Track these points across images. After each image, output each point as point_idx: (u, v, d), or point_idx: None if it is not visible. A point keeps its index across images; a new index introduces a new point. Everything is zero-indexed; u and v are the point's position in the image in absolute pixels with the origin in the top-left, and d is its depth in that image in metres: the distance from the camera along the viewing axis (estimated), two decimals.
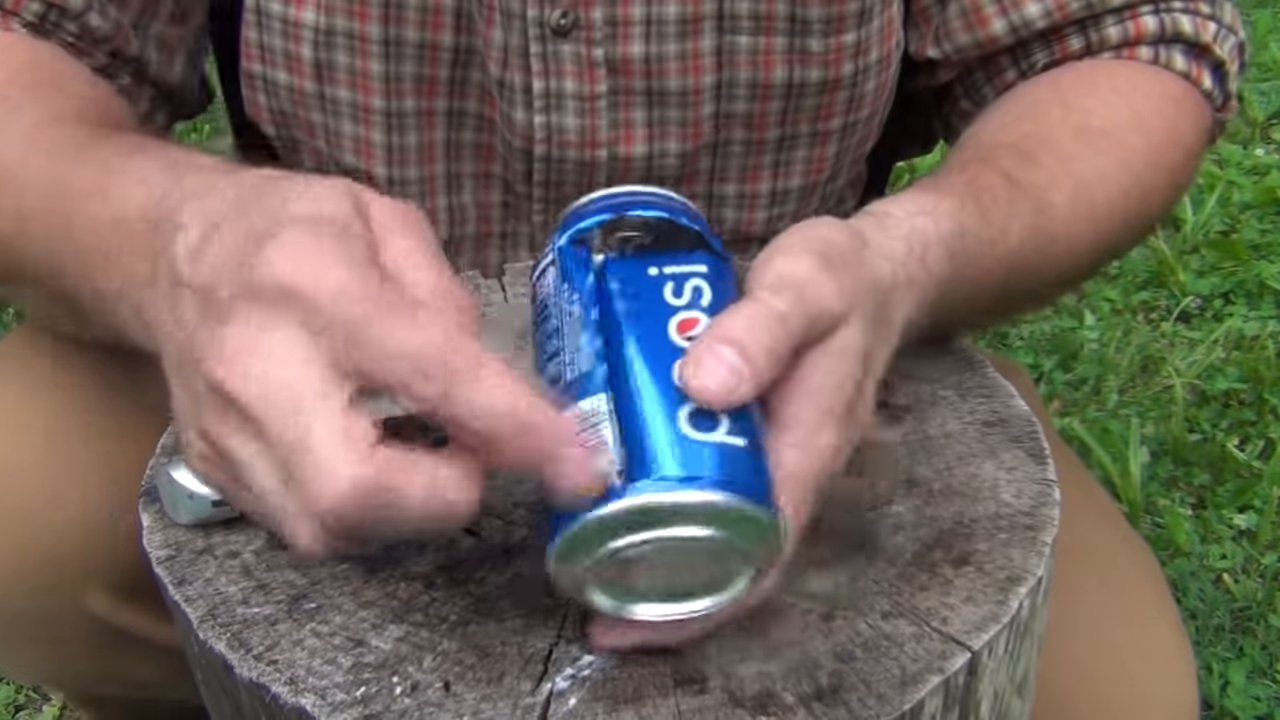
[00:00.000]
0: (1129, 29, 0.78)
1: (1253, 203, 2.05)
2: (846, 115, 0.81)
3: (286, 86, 0.80)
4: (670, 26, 0.76)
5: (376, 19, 0.76)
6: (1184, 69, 0.79)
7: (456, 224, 0.85)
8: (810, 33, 0.77)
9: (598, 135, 0.79)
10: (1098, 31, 0.79)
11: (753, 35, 0.77)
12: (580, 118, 0.78)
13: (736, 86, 0.78)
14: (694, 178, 0.83)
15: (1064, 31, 0.79)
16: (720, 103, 0.79)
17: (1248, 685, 1.28)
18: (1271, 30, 2.48)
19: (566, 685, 0.49)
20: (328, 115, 0.80)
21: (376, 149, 0.81)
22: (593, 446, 0.45)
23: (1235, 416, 1.64)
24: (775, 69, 0.78)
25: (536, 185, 0.81)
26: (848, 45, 0.78)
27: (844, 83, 0.79)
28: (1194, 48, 0.79)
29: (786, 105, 0.80)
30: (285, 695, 0.49)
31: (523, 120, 0.78)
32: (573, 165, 0.80)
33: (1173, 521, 1.45)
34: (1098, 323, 1.82)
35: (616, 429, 0.45)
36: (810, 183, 0.85)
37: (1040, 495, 0.58)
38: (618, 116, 0.79)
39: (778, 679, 0.49)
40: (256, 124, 0.83)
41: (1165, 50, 0.79)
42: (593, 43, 0.76)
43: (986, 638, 0.50)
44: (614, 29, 0.76)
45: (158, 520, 0.58)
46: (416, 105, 0.79)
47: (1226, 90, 0.81)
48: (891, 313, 0.54)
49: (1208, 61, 0.80)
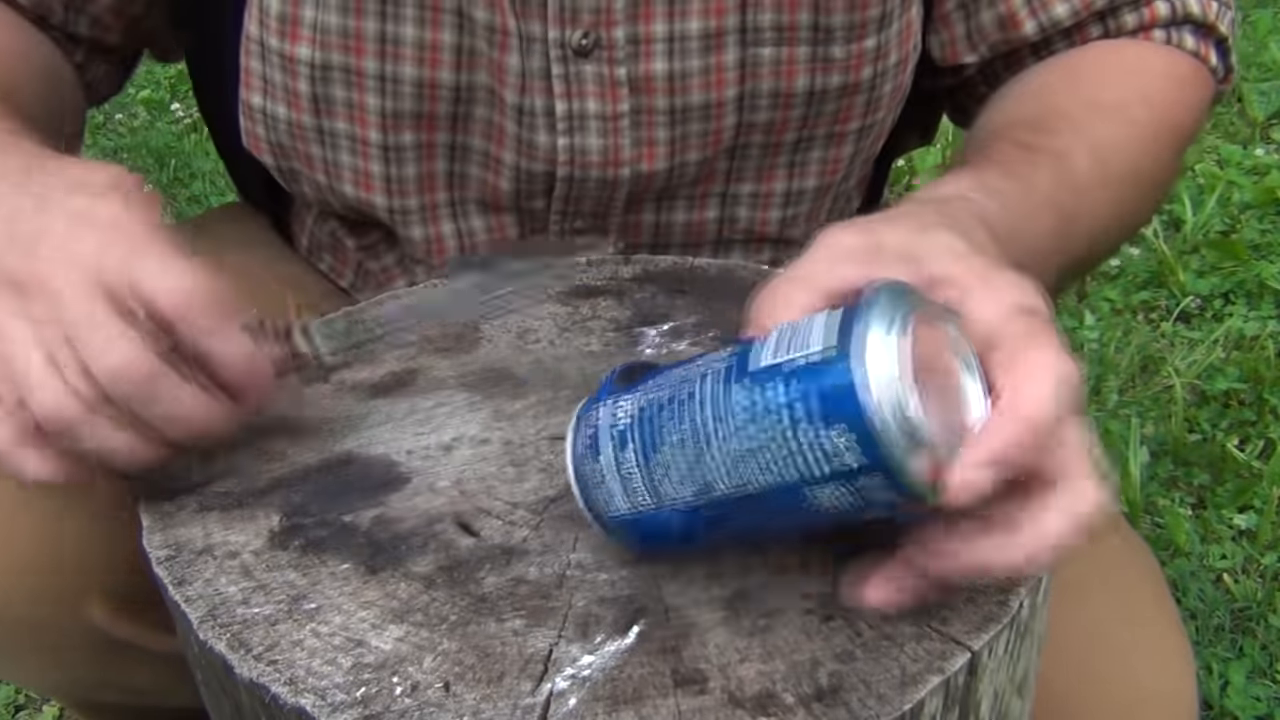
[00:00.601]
0: (1144, 15, 0.82)
1: (1253, 203, 2.05)
2: (864, 118, 0.82)
3: (285, 120, 0.79)
4: (693, 42, 0.76)
5: (372, 54, 0.76)
6: (1194, 48, 0.83)
7: (466, 248, 0.84)
8: (833, 40, 0.77)
9: (620, 154, 0.78)
10: (1115, 20, 0.82)
11: (776, 46, 0.77)
12: (603, 138, 0.77)
13: (759, 98, 0.78)
14: (710, 178, 0.83)
15: (1086, 24, 0.82)
16: (743, 114, 0.79)
17: (1248, 685, 1.28)
18: (1271, 30, 2.48)
19: (566, 685, 0.49)
20: (326, 148, 0.80)
21: (375, 180, 0.80)
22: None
23: (1235, 416, 1.64)
24: (798, 78, 0.78)
25: (556, 201, 0.81)
26: (869, 50, 0.78)
27: (863, 87, 0.80)
28: (1201, 27, 0.83)
29: (807, 112, 0.80)
30: (285, 695, 0.49)
31: (545, 143, 0.78)
32: (594, 184, 0.79)
33: (1173, 521, 1.45)
34: (1098, 323, 1.82)
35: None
36: (825, 183, 0.85)
37: None
38: (640, 135, 0.78)
39: (778, 679, 0.49)
40: (255, 155, 0.83)
41: (1176, 32, 0.82)
42: (615, 62, 0.76)
43: (986, 638, 0.50)
44: (636, 47, 0.75)
45: (157, 520, 0.58)
46: (415, 139, 0.79)
47: (1229, 64, 0.85)
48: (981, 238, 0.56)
49: (1213, 38, 0.84)
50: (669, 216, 0.84)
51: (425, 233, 0.83)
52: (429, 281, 0.77)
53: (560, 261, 0.74)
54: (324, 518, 0.58)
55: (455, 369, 0.68)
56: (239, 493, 0.60)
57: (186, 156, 2.53)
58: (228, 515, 0.58)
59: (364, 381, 0.68)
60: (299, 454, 0.62)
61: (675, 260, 0.78)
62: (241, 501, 0.59)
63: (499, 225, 0.84)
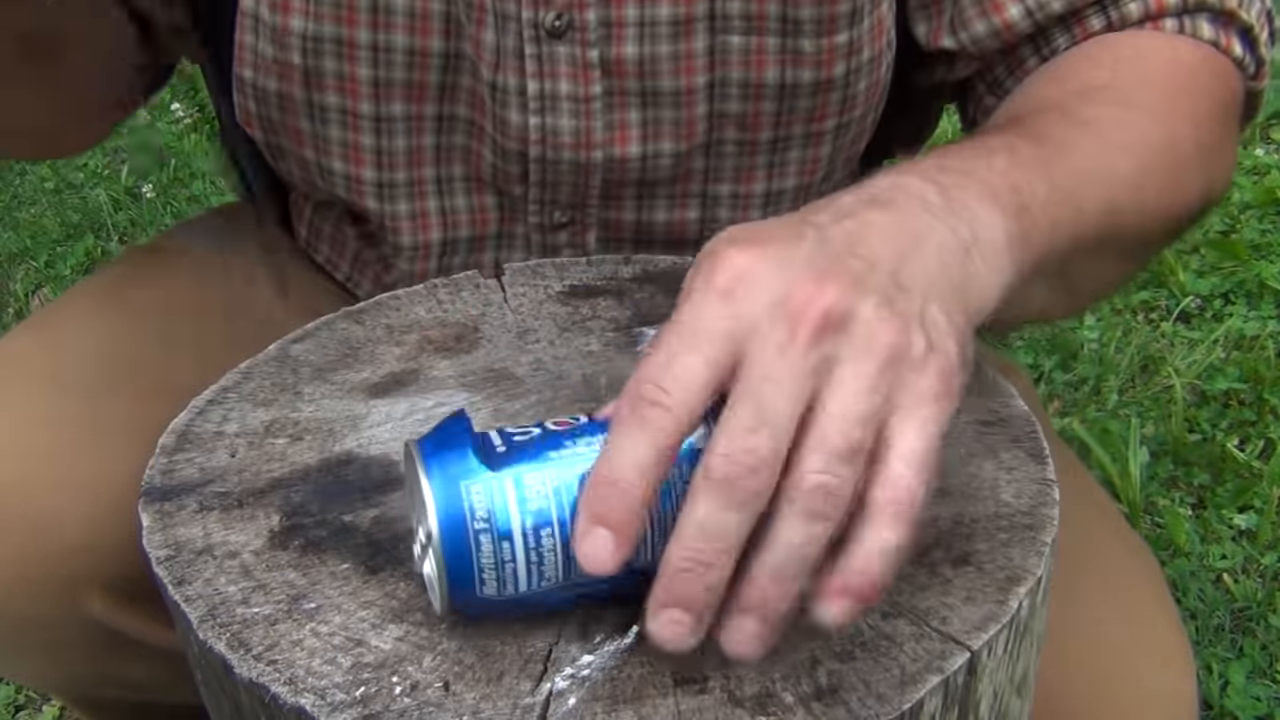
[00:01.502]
0: (1150, 3, 0.76)
1: (1253, 203, 2.05)
2: (840, 115, 0.81)
3: (276, 94, 0.80)
4: (663, 28, 0.76)
5: (365, 25, 0.76)
6: (1211, 37, 0.76)
7: (450, 226, 0.85)
8: (802, 33, 0.77)
9: (593, 137, 0.79)
10: (1118, 9, 0.77)
11: (744, 35, 0.77)
12: (575, 119, 0.78)
13: (729, 86, 0.79)
14: (689, 178, 0.83)
15: (1083, 13, 0.77)
16: (714, 103, 0.79)
17: (1248, 685, 1.28)
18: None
19: (566, 685, 0.49)
20: (315, 122, 0.80)
21: (365, 153, 0.81)
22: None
23: (1235, 416, 1.64)
24: (768, 69, 0.78)
25: (533, 186, 0.81)
26: (840, 46, 0.78)
27: (836, 83, 0.79)
28: (1220, 15, 0.76)
29: (780, 106, 0.80)
30: (285, 695, 0.49)
31: (517, 122, 0.78)
32: (568, 167, 0.80)
33: (1173, 521, 1.45)
34: (1097, 323, 1.82)
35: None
36: (805, 183, 0.85)
37: (1040, 495, 0.58)
38: (613, 118, 0.79)
39: (777, 678, 0.49)
40: (246, 129, 0.84)
41: (1190, 20, 0.76)
42: (587, 44, 0.76)
43: (986, 637, 0.50)
44: (608, 30, 0.76)
45: (157, 520, 0.58)
46: (405, 110, 0.80)
47: (1259, 56, 0.79)
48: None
49: (1236, 27, 0.77)
50: (650, 215, 0.84)
51: (411, 208, 0.83)
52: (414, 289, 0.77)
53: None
54: (324, 518, 0.58)
55: (455, 369, 0.68)
56: (239, 493, 0.60)
57: (186, 156, 2.54)
58: (228, 515, 0.58)
59: (364, 381, 0.68)
60: (299, 454, 0.62)
61: (675, 260, 0.78)
62: (241, 501, 0.59)
63: (481, 207, 0.85)
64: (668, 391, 0.45)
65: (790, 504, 0.45)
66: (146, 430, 0.64)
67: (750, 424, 0.44)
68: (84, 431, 0.74)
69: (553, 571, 0.49)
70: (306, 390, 0.67)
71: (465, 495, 0.48)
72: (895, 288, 0.48)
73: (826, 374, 0.46)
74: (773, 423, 0.44)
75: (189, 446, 0.63)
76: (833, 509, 0.45)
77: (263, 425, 0.64)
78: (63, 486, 0.72)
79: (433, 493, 0.48)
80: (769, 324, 0.46)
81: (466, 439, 0.49)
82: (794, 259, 0.48)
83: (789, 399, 0.45)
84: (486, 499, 0.48)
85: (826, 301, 0.46)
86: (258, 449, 0.63)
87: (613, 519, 0.45)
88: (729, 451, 0.44)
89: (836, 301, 0.46)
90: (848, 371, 0.46)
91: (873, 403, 0.45)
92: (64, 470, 0.73)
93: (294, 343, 0.71)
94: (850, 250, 0.49)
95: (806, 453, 0.45)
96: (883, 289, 0.48)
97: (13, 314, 1.86)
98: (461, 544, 0.48)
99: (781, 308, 0.46)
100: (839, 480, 0.45)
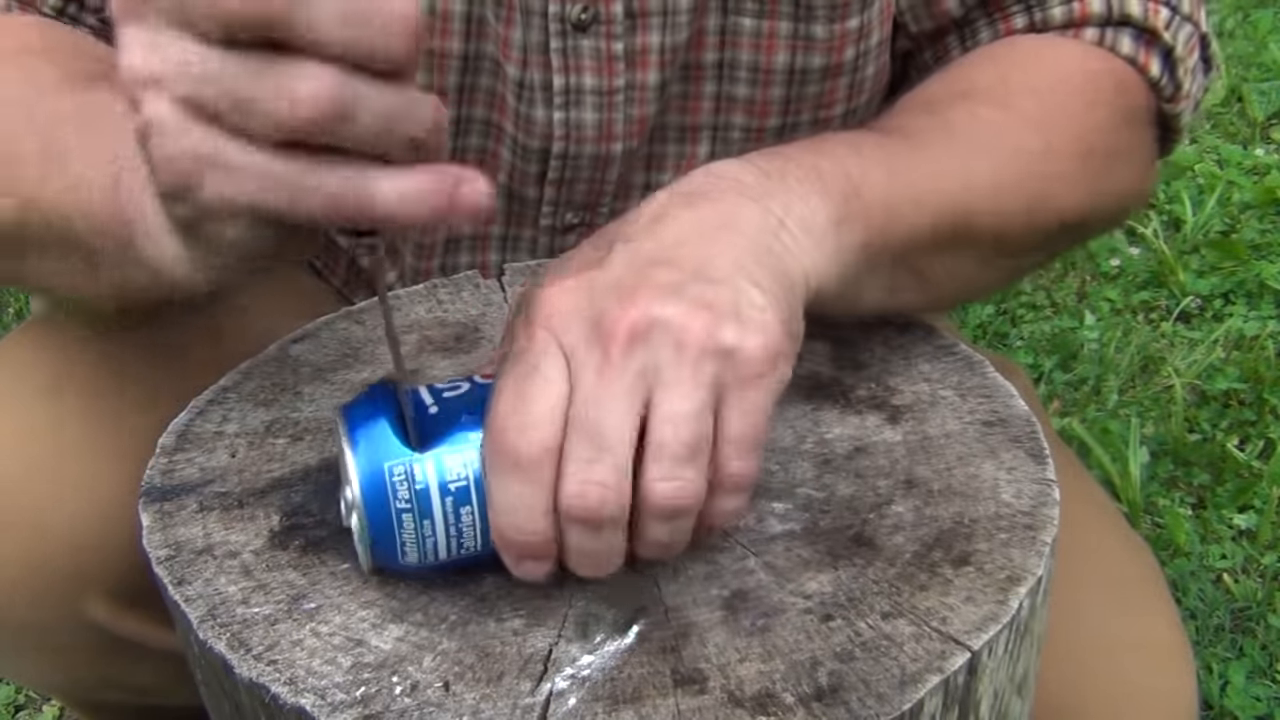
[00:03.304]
0: (1074, 10, 0.76)
1: (1253, 203, 2.05)
2: (848, 102, 0.82)
3: None
4: (683, 16, 0.76)
5: None
6: (1130, 53, 0.75)
7: (455, 226, 0.84)
8: (815, 19, 0.77)
9: (614, 129, 0.79)
10: (1042, 10, 0.77)
11: (756, 18, 0.77)
12: (598, 112, 0.78)
13: (738, 69, 0.79)
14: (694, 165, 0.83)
15: (1009, 9, 0.77)
16: (722, 84, 0.79)
17: (1248, 685, 1.28)
18: (1271, 30, 2.48)
19: (566, 685, 0.49)
20: None
21: None
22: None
23: (1235, 416, 1.64)
24: (778, 53, 0.78)
25: (549, 186, 0.81)
26: (851, 31, 0.78)
27: (845, 68, 0.79)
28: (1143, 33, 0.76)
29: (789, 93, 0.80)
30: (285, 695, 0.49)
31: (542, 118, 0.78)
32: (588, 160, 0.80)
33: (1173, 521, 1.45)
34: (1098, 323, 1.82)
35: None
36: None
37: (1040, 495, 0.58)
38: (633, 111, 0.79)
39: (777, 679, 0.49)
40: None
41: (1112, 33, 0.76)
42: (613, 36, 0.76)
43: (986, 638, 0.50)
44: (633, 21, 0.76)
45: (157, 520, 0.58)
46: None
47: (1177, 80, 0.77)
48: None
49: (1158, 48, 0.76)
50: None
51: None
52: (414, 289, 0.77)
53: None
54: (324, 518, 0.58)
55: (455, 369, 0.68)
56: (239, 493, 0.60)
57: None
58: (227, 515, 0.58)
59: (364, 382, 0.68)
60: (299, 454, 0.62)
61: None
62: (241, 501, 0.59)
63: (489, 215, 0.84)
64: (532, 441, 0.48)
65: (648, 512, 0.49)
66: (147, 430, 0.64)
67: (589, 455, 0.48)
68: (85, 432, 0.74)
69: (471, 542, 0.52)
70: (306, 390, 0.67)
71: (388, 477, 0.51)
72: (704, 283, 0.51)
73: (653, 381, 0.49)
74: (609, 447, 0.48)
75: (189, 446, 0.63)
76: (687, 505, 0.49)
77: (263, 425, 0.64)
78: (64, 488, 0.72)
79: (357, 471, 0.51)
80: (585, 350, 0.49)
81: (393, 414, 0.51)
82: (602, 283, 0.51)
83: (618, 417, 0.48)
84: (408, 481, 0.51)
85: (634, 315, 0.49)
86: (258, 449, 0.63)
87: (533, 554, 0.50)
88: (579, 490, 0.48)
89: (644, 313, 0.49)
90: (669, 375, 0.49)
91: (698, 397, 0.49)
92: (65, 471, 0.73)
93: (294, 343, 0.71)
94: (656, 259, 0.52)
95: (649, 463, 0.48)
96: (689, 289, 0.50)
97: (13, 314, 1.86)
98: (385, 521, 0.51)
99: (594, 332, 0.49)
100: (683, 482, 0.48)
